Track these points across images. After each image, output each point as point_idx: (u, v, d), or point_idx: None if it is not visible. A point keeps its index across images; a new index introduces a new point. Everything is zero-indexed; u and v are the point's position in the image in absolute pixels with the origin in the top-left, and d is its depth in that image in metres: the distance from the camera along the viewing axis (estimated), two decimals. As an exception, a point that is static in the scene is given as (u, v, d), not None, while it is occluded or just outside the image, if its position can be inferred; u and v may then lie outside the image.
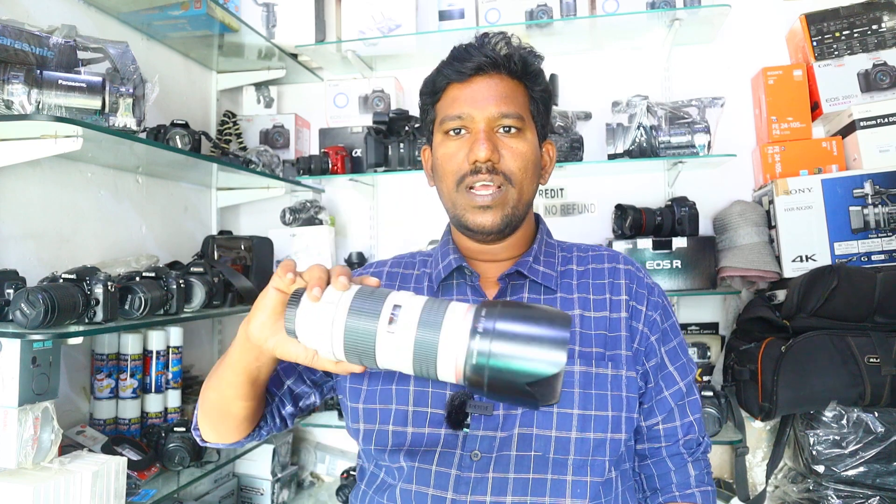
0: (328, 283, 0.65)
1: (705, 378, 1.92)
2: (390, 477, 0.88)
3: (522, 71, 0.91)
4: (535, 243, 0.96)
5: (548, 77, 2.22)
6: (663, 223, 1.89)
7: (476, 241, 0.94)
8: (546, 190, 2.21)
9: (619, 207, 1.96)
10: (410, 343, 0.59)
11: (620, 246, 1.89)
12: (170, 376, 1.70)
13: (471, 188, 0.88)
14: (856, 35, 1.89)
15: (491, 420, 0.83)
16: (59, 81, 1.24)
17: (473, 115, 0.88)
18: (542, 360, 0.56)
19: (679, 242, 1.86)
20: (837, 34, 1.91)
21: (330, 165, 2.06)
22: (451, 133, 0.90)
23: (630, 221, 1.90)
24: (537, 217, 1.02)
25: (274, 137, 2.29)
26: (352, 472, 1.95)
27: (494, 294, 0.93)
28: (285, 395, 0.96)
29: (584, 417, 0.84)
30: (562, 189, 2.20)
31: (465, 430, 0.84)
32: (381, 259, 1.06)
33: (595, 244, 1.13)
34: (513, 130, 0.89)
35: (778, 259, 1.82)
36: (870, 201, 1.73)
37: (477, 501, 0.81)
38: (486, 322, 0.58)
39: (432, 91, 0.94)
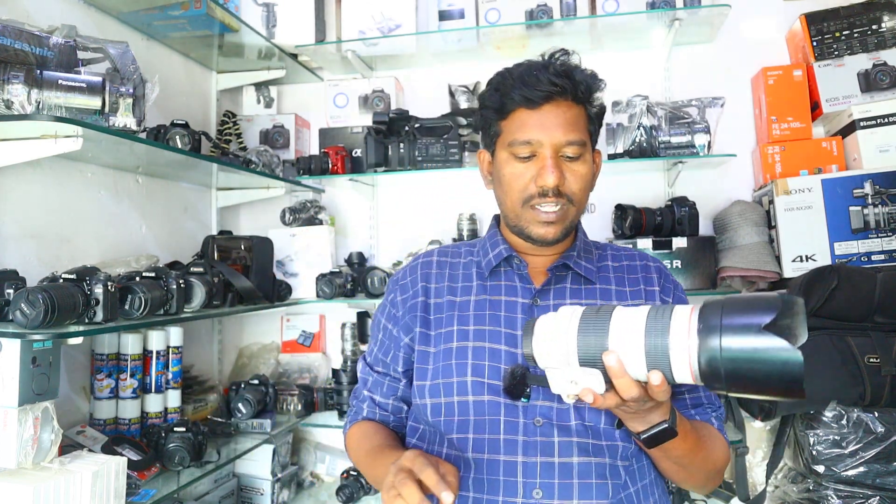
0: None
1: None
2: (459, 449, 0.95)
3: (586, 96, 0.99)
4: (577, 241, 1.06)
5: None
6: (663, 223, 1.89)
7: (530, 243, 1.02)
8: (546, 190, 2.21)
9: (619, 207, 1.96)
10: (641, 350, 0.66)
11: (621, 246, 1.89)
12: (170, 376, 1.70)
13: (535, 206, 0.97)
14: (856, 35, 1.89)
15: (548, 392, 0.90)
16: (59, 81, 1.23)
17: (542, 141, 0.96)
18: (768, 346, 0.58)
19: (679, 242, 1.86)
20: (837, 34, 1.91)
21: (330, 165, 2.06)
22: (521, 156, 0.98)
23: (630, 221, 1.90)
24: None
25: (274, 137, 2.29)
26: (352, 472, 1.95)
27: (542, 282, 1.01)
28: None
29: None
30: (562, 189, 2.20)
31: (525, 400, 0.92)
32: (429, 250, 1.16)
33: (626, 246, 1.25)
34: (577, 157, 0.98)
35: (778, 259, 1.82)
36: (870, 201, 1.73)
37: (546, 462, 0.90)
38: (712, 319, 0.62)
39: (499, 108, 1.00)
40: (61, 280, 1.25)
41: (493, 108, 1.01)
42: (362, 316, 2.21)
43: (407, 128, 1.98)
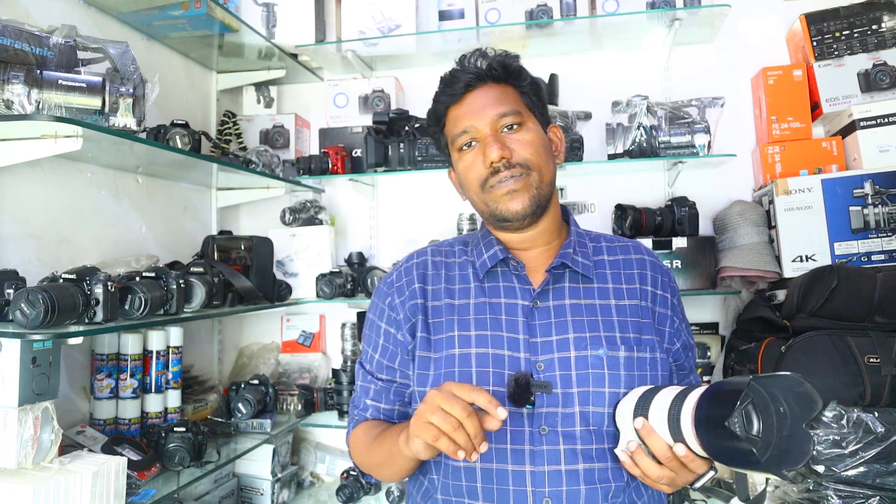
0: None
1: (705, 378, 1.92)
2: (466, 461, 0.95)
3: (504, 74, 1.01)
4: (571, 235, 1.06)
5: (548, 77, 2.23)
6: (663, 223, 1.89)
7: (514, 230, 1.02)
8: (546, 190, 2.21)
9: (619, 207, 1.96)
10: (665, 424, 0.81)
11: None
12: (170, 376, 1.70)
13: (494, 185, 0.98)
14: (856, 35, 1.89)
15: (552, 398, 0.93)
16: (59, 81, 1.24)
17: (476, 125, 0.98)
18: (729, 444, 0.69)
19: (679, 242, 1.86)
20: (837, 34, 1.91)
21: (330, 165, 2.06)
22: (464, 148, 1.01)
23: (630, 221, 1.90)
24: (565, 208, 1.12)
25: (274, 137, 2.29)
26: (352, 472, 1.95)
27: (541, 282, 1.01)
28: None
29: None
30: (562, 189, 2.20)
31: (529, 406, 0.92)
32: (420, 248, 1.14)
33: (619, 236, 1.23)
34: (515, 126, 0.99)
35: (778, 259, 1.82)
36: (870, 201, 1.73)
37: (554, 470, 0.91)
38: (699, 411, 0.75)
39: (436, 120, 1.06)
40: (61, 280, 1.24)
41: (434, 122, 1.06)
42: (362, 316, 2.21)
43: (407, 128, 1.98)
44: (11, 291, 1.21)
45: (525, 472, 0.91)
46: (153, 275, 1.48)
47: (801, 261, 1.78)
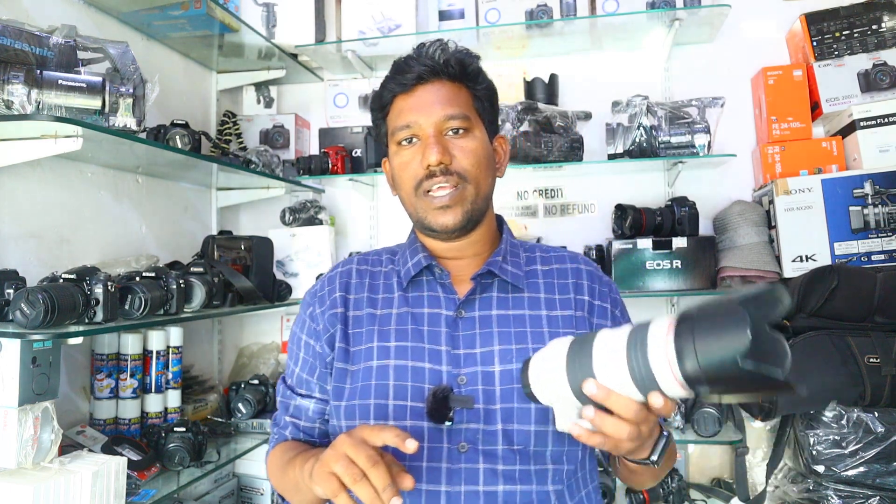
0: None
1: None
2: None
3: (461, 73, 0.95)
4: (502, 243, 0.99)
5: (548, 77, 2.23)
6: (663, 223, 1.89)
7: (441, 240, 0.97)
8: (546, 190, 2.21)
9: (619, 207, 1.96)
10: (627, 375, 0.64)
11: (620, 246, 1.89)
12: (170, 376, 1.70)
13: (429, 191, 0.92)
14: (856, 35, 1.89)
15: (473, 413, 0.86)
16: (59, 81, 1.24)
17: (420, 122, 0.92)
18: (730, 338, 0.57)
19: (679, 242, 1.86)
20: (837, 34, 1.91)
21: (330, 165, 2.06)
22: (404, 143, 0.94)
23: (630, 221, 1.90)
24: (500, 218, 1.06)
25: (274, 137, 2.29)
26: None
27: (466, 292, 0.95)
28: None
29: None
30: (562, 189, 2.20)
31: (448, 423, 0.86)
32: (347, 258, 1.09)
33: (556, 246, 1.16)
34: (461, 131, 0.93)
35: (778, 259, 1.82)
36: (870, 201, 1.73)
37: (471, 491, 0.85)
38: (685, 325, 0.61)
39: (380, 106, 0.98)
40: (61, 280, 1.25)
41: (376, 108, 0.99)
42: (362, 316, 2.20)
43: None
44: (11, 291, 1.21)
45: (440, 493, 0.85)
46: (153, 275, 1.48)
47: (801, 261, 1.78)
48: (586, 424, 0.68)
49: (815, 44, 1.92)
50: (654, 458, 0.77)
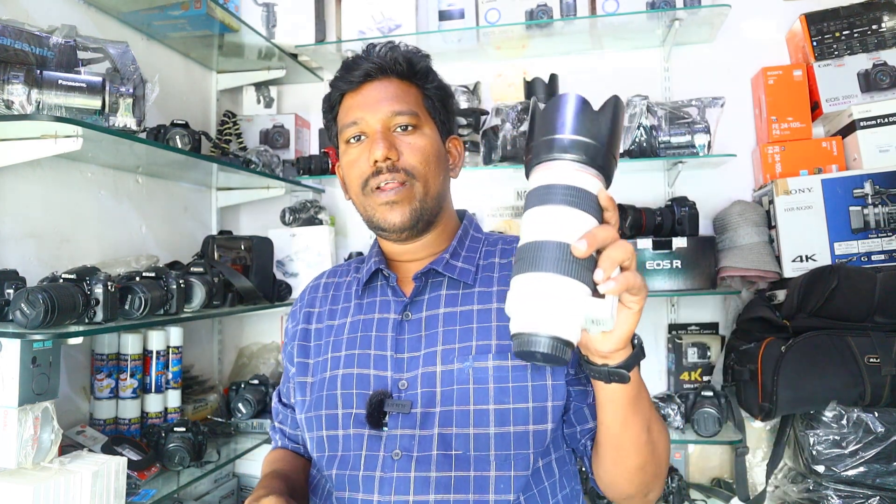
0: None
1: (705, 378, 1.92)
2: (330, 485, 0.90)
3: (410, 71, 0.94)
4: (454, 240, 0.96)
5: (548, 77, 2.22)
6: (663, 223, 1.89)
7: (392, 240, 0.95)
8: (546, 190, 2.21)
9: (619, 207, 1.96)
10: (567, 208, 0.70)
11: (620, 246, 1.89)
12: (170, 376, 1.70)
13: (377, 188, 0.90)
14: (856, 35, 1.89)
15: (408, 418, 0.84)
16: (59, 81, 1.24)
17: (367, 119, 0.90)
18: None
19: (679, 242, 1.86)
20: (837, 34, 1.91)
21: (330, 165, 2.06)
22: (352, 141, 0.93)
23: (630, 221, 1.90)
24: (464, 213, 1.03)
25: (274, 137, 2.29)
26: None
27: (410, 292, 0.93)
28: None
29: (501, 412, 0.83)
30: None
31: (383, 429, 0.85)
32: (323, 271, 1.10)
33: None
34: (409, 128, 0.91)
35: (778, 259, 1.82)
36: (870, 201, 1.73)
37: (401, 501, 0.81)
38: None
39: (330, 107, 0.99)
40: (61, 280, 1.25)
41: (326, 109, 1.00)
42: (362, 316, 2.20)
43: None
44: (11, 291, 1.21)
45: (372, 503, 0.83)
46: (153, 275, 1.48)
47: (801, 261, 1.78)
48: (599, 275, 0.65)
49: (815, 44, 1.92)
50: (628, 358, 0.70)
